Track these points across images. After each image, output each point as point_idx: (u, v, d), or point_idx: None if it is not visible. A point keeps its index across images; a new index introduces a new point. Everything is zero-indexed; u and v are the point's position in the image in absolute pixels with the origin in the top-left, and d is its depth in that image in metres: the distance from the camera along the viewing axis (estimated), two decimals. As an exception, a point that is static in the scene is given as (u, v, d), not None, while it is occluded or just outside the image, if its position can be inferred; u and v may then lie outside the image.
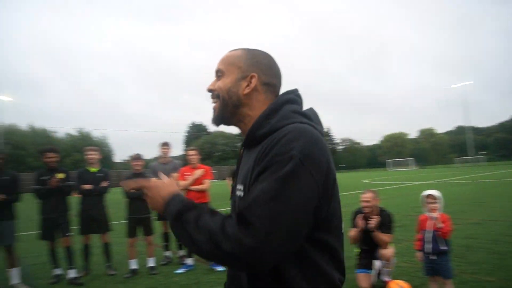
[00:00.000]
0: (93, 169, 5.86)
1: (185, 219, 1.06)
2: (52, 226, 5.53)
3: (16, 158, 58.08)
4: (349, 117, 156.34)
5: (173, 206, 1.11)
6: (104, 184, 5.81)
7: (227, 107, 1.21)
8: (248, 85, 1.19)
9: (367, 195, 4.13)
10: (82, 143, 59.30)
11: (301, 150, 0.99)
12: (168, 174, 6.28)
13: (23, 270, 5.39)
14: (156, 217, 6.25)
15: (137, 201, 5.76)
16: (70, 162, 60.10)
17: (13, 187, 5.24)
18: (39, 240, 5.62)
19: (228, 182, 6.30)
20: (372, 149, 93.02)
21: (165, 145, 6.47)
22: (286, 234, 0.95)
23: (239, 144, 79.70)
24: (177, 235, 1.08)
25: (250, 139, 1.15)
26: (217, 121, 1.24)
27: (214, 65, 1.25)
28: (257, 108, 1.19)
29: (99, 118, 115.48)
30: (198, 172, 5.78)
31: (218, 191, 24.03)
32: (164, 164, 6.38)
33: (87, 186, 5.69)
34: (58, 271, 5.63)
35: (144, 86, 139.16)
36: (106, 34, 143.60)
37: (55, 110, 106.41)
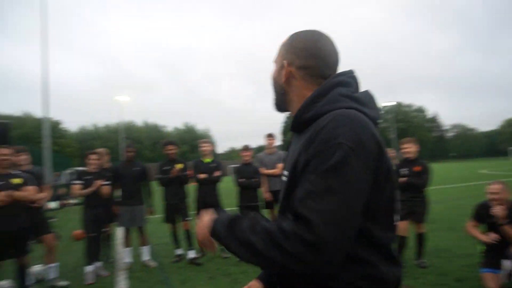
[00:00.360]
0: (207, 160, 6.05)
1: (238, 228, 1.00)
2: (174, 210, 5.98)
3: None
4: (460, 100, 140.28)
5: (220, 222, 1.06)
6: (217, 173, 5.98)
7: (277, 96, 1.22)
8: (284, 74, 1.17)
9: (496, 187, 3.78)
10: (187, 136, 64.00)
11: (349, 137, 0.93)
12: (273, 164, 6.22)
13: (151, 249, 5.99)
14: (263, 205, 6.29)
15: (247, 190, 5.83)
16: (178, 154, 65.35)
17: (144, 176, 5.80)
18: (163, 223, 6.19)
19: None
20: (490, 135, 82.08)
21: (270, 136, 6.39)
22: (345, 227, 0.90)
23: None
24: (233, 247, 1.01)
25: (296, 124, 1.11)
26: (275, 108, 1.25)
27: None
28: (298, 94, 1.15)
29: (202, 113, 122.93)
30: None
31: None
32: (270, 155, 6.36)
33: (202, 176, 5.92)
34: (179, 251, 6.06)
35: (241, 81, 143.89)
36: (206, 34, 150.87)
37: (165, 107, 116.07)
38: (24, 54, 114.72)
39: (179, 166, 5.96)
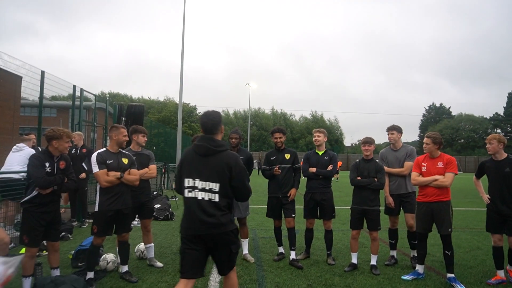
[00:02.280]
0: (320, 152, 5.90)
1: None
2: (277, 205, 5.85)
3: (260, 138, 68.36)
4: None
5: None
6: (329, 167, 5.77)
7: None
8: None
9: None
10: (315, 126, 63.99)
11: None
12: (400, 161, 5.67)
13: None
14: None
15: (364, 191, 5.39)
16: (304, 143, 66.32)
17: (247, 166, 5.72)
18: (266, 217, 6.10)
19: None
20: None
21: (393, 129, 5.79)
22: None
23: (489, 131, 70.09)
24: None
25: None
26: None
27: None
28: None
29: (329, 102, 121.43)
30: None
31: (461, 186, 21.96)
32: (394, 151, 5.80)
33: (312, 169, 5.77)
34: (280, 249, 6.00)
35: (370, 67, 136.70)
36: (336, 19, 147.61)
37: (291, 96, 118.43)
38: (169, 46, 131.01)
39: (287, 156, 5.88)
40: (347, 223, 7.02)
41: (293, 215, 5.79)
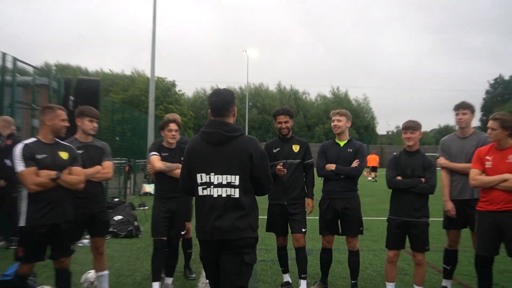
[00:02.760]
0: (342, 142, 5.99)
1: None
2: (281, 215, 5.91)
3: (262, 124, 68.61)
4: None
5: None
6: (354, 164, 5.81)
7: None
8: None
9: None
10: (336, 107, 63.92)
11: None
12: (468, 154, 5.52)
13: None
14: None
15: (406, 195, 5.36)
16: (322, 132, 66.54)
17: None
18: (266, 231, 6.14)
19: None
20: None
21: (465, 108, 5.66)
22: None
23: None
24: None
25: None
26: None
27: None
28: None
29: (355, 75, 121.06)
30: None
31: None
32: (462, 139, 5.76)
33: (331, 166, 5.78)
34: (286, 278, 6.14)
35: (412, 28, 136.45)
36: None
37: (304, 67, 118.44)
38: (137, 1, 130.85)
39: (295, 148, 5.94)
40: (381, 241, 7.06)
41: (303, 230, 5.83)
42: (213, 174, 3.50)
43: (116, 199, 13.27)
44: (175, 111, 53.90)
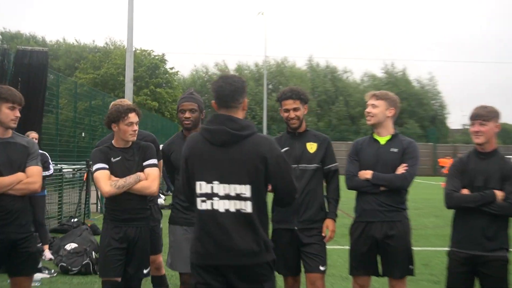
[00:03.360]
0: (383, 138, 5.94)
1: None
2: (290, 246, 5.89)
3: None
4: None
5: None
6: (400, 169, 5.72)
7: None
8: None
9: None
10: (391, 89, 63.44)
11: None
12: None
13: None
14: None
15: (476, 218, 5.29)
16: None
17: None
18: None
19: None
20: None
21: None
22: None
23: None
24: None
25: None
26: None
27: None
28: None
29: (415, 45, 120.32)
30: None
31: None
32: None
33: (365, 174, 5.70)
34: None
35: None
36: None
37: (345, 36, 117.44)
38: None
39: (311, 146, 5.96)
40: (440, 284, 7.19)
41: (321, 268, 5.77)
42: (216, 182, 3.77)
43: (74, 220, 13.19)
44: (165, 97, 54.40)
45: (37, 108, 12.13)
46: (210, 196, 3.76)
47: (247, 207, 3.71)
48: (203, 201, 3.78)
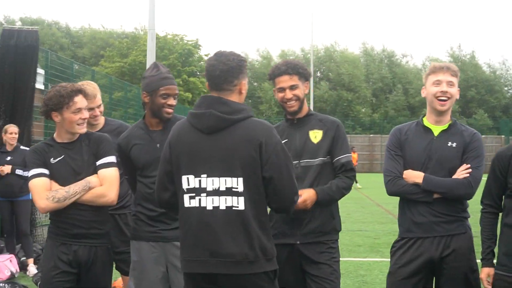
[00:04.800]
0: (437, 127, 5.42)
1: None
2: (292, 265, 5.65)
3: (337, 104, 68.13)
4: None
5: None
6: (462, 172, 5.16)
7: None
8: None
9: None
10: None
11: None
12: None
13: None
14: None
15: None
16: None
17: None
18: None
19: None
20: None
21: None
22: None
23: None
24: None
25: None
26: None
27: None
28: None
29: (483, 30, 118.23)
30: None
31: None
32: None
33: (414, 177, 5.20)
34: None
35: None
36: None
37: (402, 20, 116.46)
38: None
39: (314, 135, 5.50)
40: None
41: None
42: (204, 176, 3.71)
43: None
44: (199, 87, 54.41)
45: (26, 96, 12.23)
46: (198, 191, 3.71)
47: (240, 203, 3.65)
48: (191, 197, 3.72)
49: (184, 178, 3.76)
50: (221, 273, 3.67)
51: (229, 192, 3.69)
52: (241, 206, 3.65)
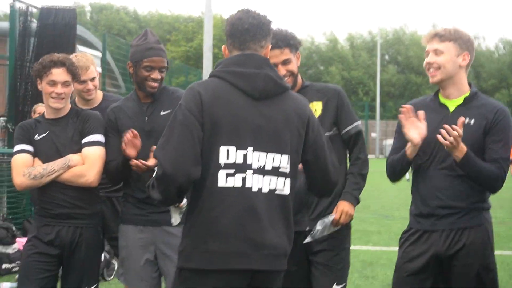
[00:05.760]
0: (452, 101, 5.03)
1: None
2: (297, 256, 5.15)
3: (410, 91, 67.25)
4: None
5: None
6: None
7: None
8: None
9: None
10: None
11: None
12: None
13: None
14: None
15: None
16: (506, 100, 63.66)
17: None
18: None
19: None
20: None
21: None
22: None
23: None
24: None
25: None
26: None
27: None
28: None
29: None
30: None
31: None
32: None
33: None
34: None
35: None
36: None
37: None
38: None
39: (315, 107, 5.22)
40: None
41: (337, 287, 5.15)
42: (251, 149, 3.22)
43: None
44: None
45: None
46: (241, 168, 3.18)
47: (286, 186, 3.26)
48: (230, 174, 3.16)
49: (222, 149, 3.20)
50: (262, 269, 3.27)
51: (275, 171, 3.28)
52: (286, 190, 3.28)
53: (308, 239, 4.88)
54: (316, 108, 5.03)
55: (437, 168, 4.64)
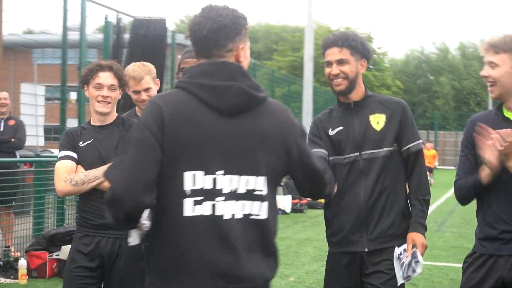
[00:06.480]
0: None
1: None
2: (351, 276, 5.36)
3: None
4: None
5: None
6: None
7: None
8: None
9: None
10: None
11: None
12: None
13: None
14: None
15: None
16: None
17: None
18: None
19: None
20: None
21: None
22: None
23: None
24: None
25: None
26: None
27: None
28: None
29: None
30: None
31: None
32: None
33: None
34: None
35: None
36: None
37: None
38: None
39: (376, 120, 5.12)
40: None
41: None
42: (221, 173, 2.88)
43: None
44: (371, 81, 54.56)
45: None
46: (210, 194, 2.82)
47: (262, 210, 2.94)
48: (197, 202, 2.81)
49: (188, 175, 2.85)
50: None
51: (250, 195, 2.96)
52: (263, 215, 2.96)
53: (402, 281, 4.71)
54: (379, 121, 4.85)
55: (503, 190, 4.37)
